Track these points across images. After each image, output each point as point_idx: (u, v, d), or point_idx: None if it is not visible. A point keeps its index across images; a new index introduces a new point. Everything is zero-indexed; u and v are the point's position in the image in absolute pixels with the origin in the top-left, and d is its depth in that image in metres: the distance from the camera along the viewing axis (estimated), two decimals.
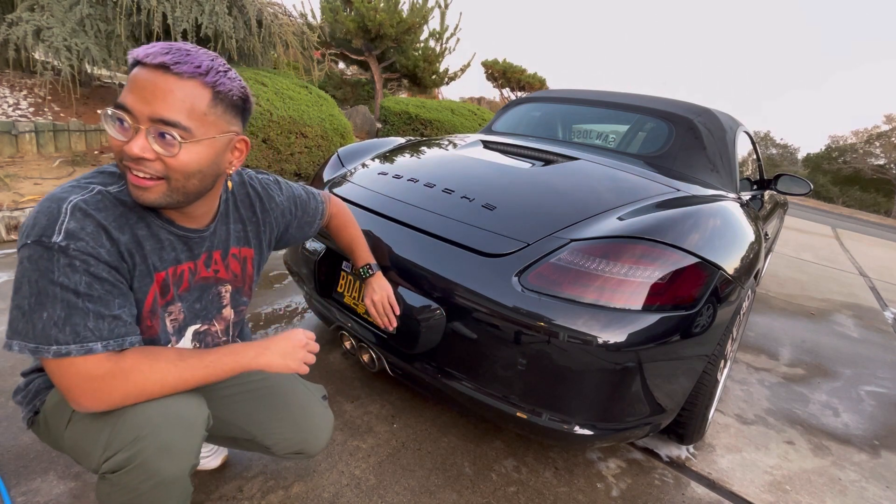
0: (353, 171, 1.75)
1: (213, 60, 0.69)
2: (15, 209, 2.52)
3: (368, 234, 1.30)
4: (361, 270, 1.24)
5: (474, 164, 1.66)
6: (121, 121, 0.66)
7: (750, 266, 1.41)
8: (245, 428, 0.99)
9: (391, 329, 1.22)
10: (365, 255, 1.24)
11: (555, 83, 17.18)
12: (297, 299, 2.23)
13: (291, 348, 0.86)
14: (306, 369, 0.87)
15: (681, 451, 1.52)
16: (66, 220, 0.66)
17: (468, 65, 9.50)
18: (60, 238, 0.65)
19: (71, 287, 0.66)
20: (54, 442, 0.86)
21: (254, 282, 1.02)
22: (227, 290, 0.95)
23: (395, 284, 1.26)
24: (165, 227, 0.78)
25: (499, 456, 1.38)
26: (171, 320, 0.85)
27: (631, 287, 1.06)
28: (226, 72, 0.71)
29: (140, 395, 0.72)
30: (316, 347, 0.90)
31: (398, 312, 1.22)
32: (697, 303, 1.13)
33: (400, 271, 1.26)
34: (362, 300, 1.25)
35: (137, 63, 0.66)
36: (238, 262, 0.96)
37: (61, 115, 3.70)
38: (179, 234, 0.81)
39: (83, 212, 0.68)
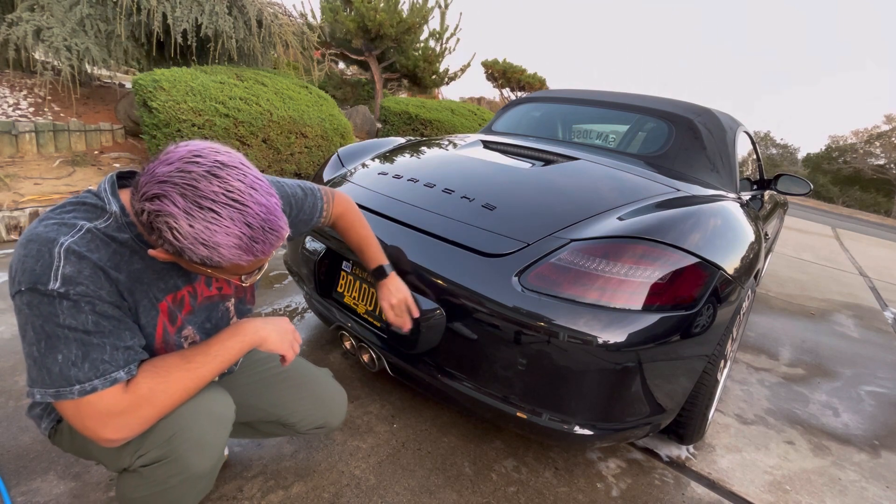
0: (353, 171, 1.75)
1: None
2: (15, 209, 2.52)
3: None
4: (374, 273, 1.19)
5: (474, 164, 1.66)
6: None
7: (750, 266, 1.41)
8: (269, 410, 1.05)
9: (405, 330, 1.19)
10: (377, 256, 1.20)
11: (555, 83, 17.18)
12: (297, 299, 2.23)
13: (284, 331, 0.89)
14: (292, 356, 0.91)
15: (681, 451, 1.52)
16: (62, 265, 0.64)
17: (468, 65, 9.48)
18: (58, 285, 0.63)
19: (80, 328, 0.65)
20: (81, 450, 0.86)
21: (255, 288, 1.03)
22: (231, 304, 0.96)
23: None
24: None
25: (499, 456, 1.38)
26: (189, 344, 0.85)
27: (631, 287, 1.06)
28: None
29: (169, 409, 0.73)
30: (300, 339, 0.94)
31: (417, 314, 1.18)
32: (697, 303, 1.13)
33: (400, 271, 1.25)
34: (377, 305, 1.21)
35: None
36: None
37: (61, 115, 3.69)
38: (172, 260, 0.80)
39: (77, 254, 0.65)
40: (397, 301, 1.16)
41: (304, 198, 1.06)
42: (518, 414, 1.12)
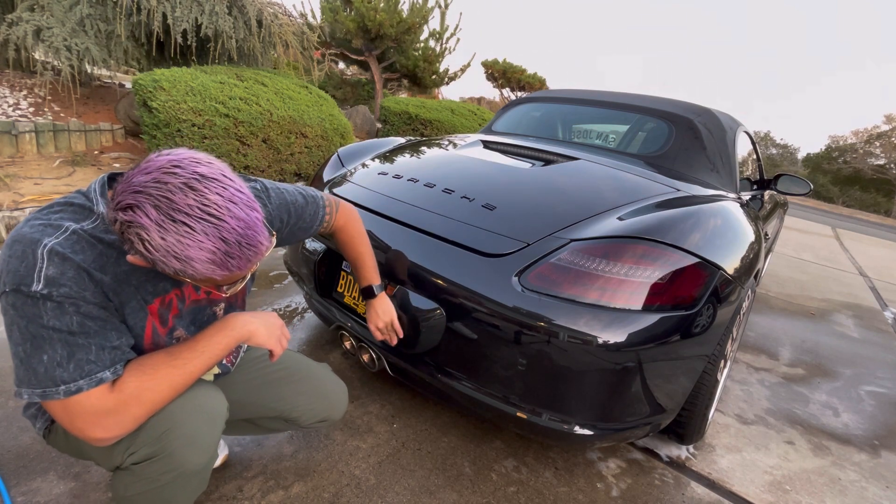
0: (353, 171, 1.75)
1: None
2: (15, 209, 2.52)
3: (369, 235, 1.30)
4: (363, 291, 1.21)
5: (474, 164, 1.66)
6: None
7: (750, 266, 1.41)
8: (271, 406, 1.06)
9: (391, 344, 1.24)
10: (369, 275, 1.19)
11: (555, 83, 17.18)
12: (297, 299, 2.23)
13: (273, 326, 0.88)
14: (280, 351, 0.90)
15: (681, 451, 1.52)
16: (45, 266, 0.64)
17: (468, 65, 9.48)
18: (41, 286, 0.63)
19: (64, 329, 0.65)
20: (75, 450, 0.86)
21: (247, 293, 1.02)
22: (220, 309, 0.95)
23: (395, 284, 1.26)
24: None
25: (499, 456, 1.38)
26: None
27: (631, 287, 1.06)
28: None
29: (158, 407, 0.73)
30: (289, 335, 0.94)
31: (402, 335, 1.22)
32: (697, 303, 1.13)
33: (400, 271, 1.26)
34: (364, 308, 1.24)
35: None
36: None
37: (61, 115, 3.69)
38: None
39: (61, 256, 0.65)
40: (384, 324, 1.20)
41: (305, 206, 1.04)
42: (518, 414, 1.12)
